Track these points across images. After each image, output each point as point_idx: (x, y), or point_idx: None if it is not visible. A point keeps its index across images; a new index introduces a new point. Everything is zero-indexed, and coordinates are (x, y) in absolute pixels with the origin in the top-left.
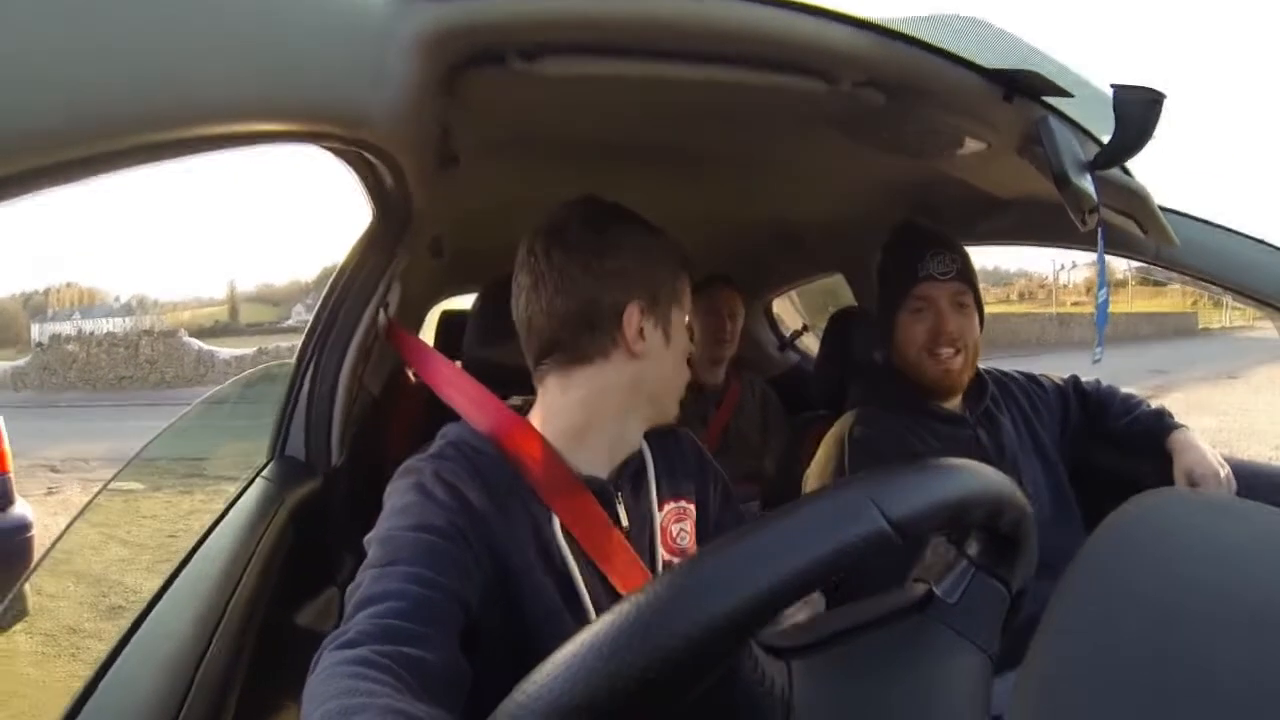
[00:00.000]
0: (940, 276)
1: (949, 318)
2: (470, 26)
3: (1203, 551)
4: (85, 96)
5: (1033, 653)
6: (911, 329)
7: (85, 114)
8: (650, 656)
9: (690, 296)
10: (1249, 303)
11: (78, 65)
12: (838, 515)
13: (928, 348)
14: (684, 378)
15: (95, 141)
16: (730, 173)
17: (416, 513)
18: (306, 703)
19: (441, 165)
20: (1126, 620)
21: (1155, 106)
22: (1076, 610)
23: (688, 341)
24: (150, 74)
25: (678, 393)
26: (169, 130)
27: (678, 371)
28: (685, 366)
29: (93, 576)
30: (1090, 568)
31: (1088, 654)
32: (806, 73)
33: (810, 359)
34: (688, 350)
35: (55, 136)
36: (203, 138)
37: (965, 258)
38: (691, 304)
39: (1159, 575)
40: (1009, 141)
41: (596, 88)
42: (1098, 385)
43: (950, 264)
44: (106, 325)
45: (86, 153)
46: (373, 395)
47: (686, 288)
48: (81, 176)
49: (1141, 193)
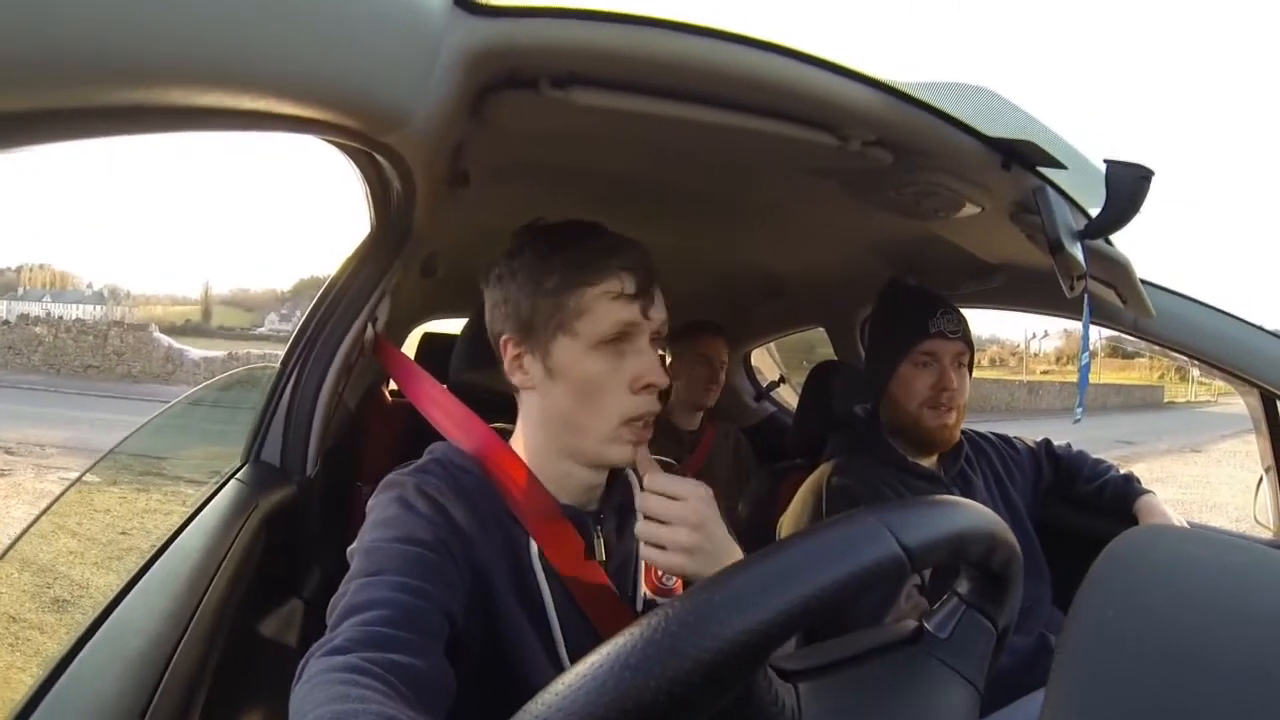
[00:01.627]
0: (950, 335)
1: (951, 375)
2: (515, 47)
3: (1205, 575)
4: (94, 34)
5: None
6: (915, 382)
7: (93, 55)
8: (674, 672)
9: (603, 324)
10: (1218, 373)
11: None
12: (856, 540)
13: (929, 402)
14: (602, 414)
15: (103, 89)
16: (726, 217)
17: (400, 525)
18: (295, 709)
19: (451, 183)
20: (1140, 636)
21: (1144, 182)
22: (1092, 629)
23: (597, 372)
24: (187, 26)
25: (597, 432)
26: (184, 90)
27: (583, 406)
28: (605, 400)
29: (38, 566)
30: (1098, 591)
31: (1108, 668)
32: (819, 127)
33: (786, 410)
34: (599, 382)
35: (66, 76)
36: (222, 110)
37: (965, 322)
38: (682, 350)
39: (1161, 594)
40: (1002, 207)
41: (613, 122)
42: (1068, 449)
43: (959, 324)
44: (76, 311)
45: (85, 102)
46: (349, 410)
47: (598, 318)
48: (78, 134)
49: (1124, 263)
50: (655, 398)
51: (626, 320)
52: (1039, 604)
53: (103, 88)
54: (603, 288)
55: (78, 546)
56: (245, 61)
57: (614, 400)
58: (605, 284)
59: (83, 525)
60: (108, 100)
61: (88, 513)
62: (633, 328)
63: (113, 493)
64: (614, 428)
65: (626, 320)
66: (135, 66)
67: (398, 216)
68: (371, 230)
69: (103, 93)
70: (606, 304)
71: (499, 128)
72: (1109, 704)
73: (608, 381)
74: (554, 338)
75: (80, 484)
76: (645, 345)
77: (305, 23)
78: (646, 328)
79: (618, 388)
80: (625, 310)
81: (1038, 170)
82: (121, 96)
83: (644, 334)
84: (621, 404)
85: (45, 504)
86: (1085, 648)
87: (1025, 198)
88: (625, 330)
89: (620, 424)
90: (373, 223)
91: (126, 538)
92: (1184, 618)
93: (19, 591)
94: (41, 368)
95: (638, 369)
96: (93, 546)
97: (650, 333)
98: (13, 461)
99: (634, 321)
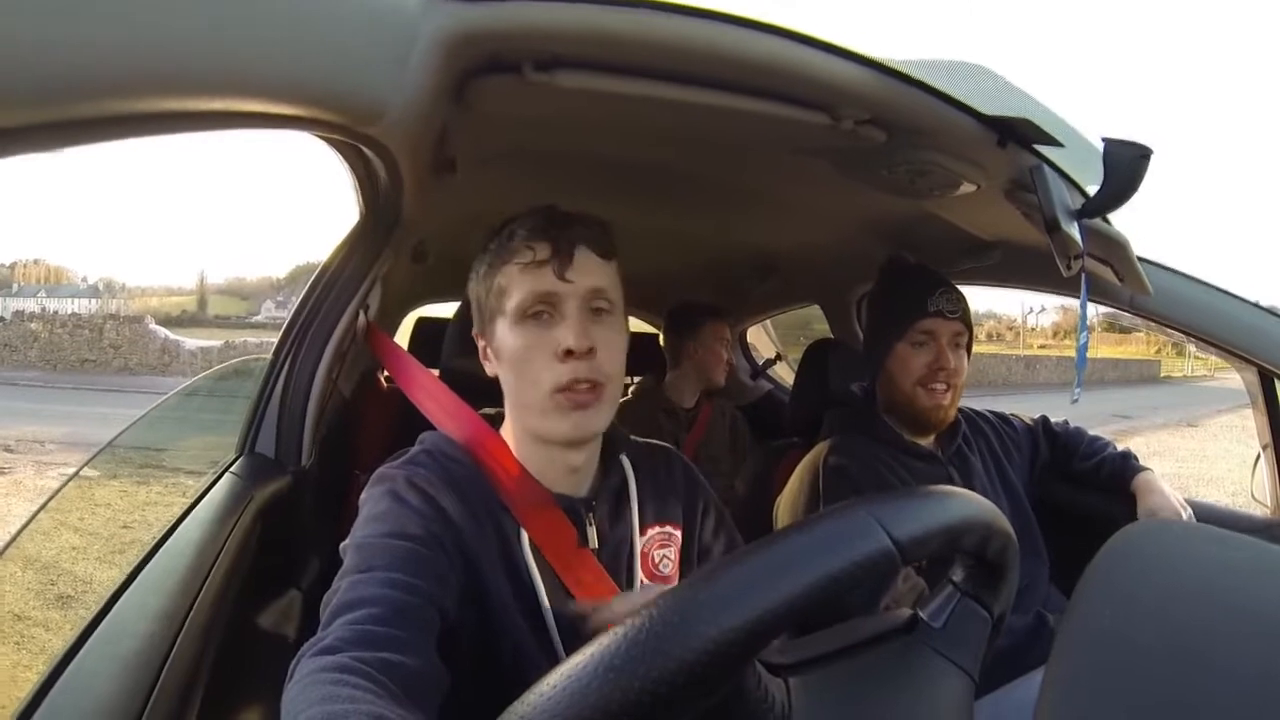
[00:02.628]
0: (949, 315)
1: (948, 354)
2: (494, 31)
3: (1207, 572)
4: (85, 55)
5: (1052, 666)
6: (911, 360)
7: (84, 72)
8: (661, 670)
9: (519, 296)
10: (1215, 351)
11: (84, 23)
12: (844, 534)
13: (924, 381)
14: (534, 387)
15: (87, 103)
16: (718, 199)
17: (391, 520)
18: (286, 709)
19: (437, 170)
20: (1140, 632)
21: (1143, 161)
22: (1091, 625)
23: (523, 345)
24: (159, 38)
25: (534, 406)
26: (170, 99)
27: (519, 382)
28: (534, 372)
29: (42, 563)
30: (1097, 588)
31: (1106, 664)
32: (811, 106)
33: (782, 387)
34: (526, 355)
35: (49, 93)
36: (207, 113)
37: (965, 301)
38: (693, 337)
39: (1162, 592)
40: (998, 185)
41: (600, 105)
42: (1065, 426)
43: (957, 304)
44: (71, 306)
45: (77, 114)
46: (344, 397)
47: (515, 291)
48: (66, 143)
49: (1121, 241)
50: (588, 363)
51: (540, 289)
52: (1037, 582)
53: (89, 101)
54: (516, 260)
55: (80, 542)
56: (221, 65)
57: (542, 371)
58: (518, 257)
59: (84, 521)
60: (94, 112)
61: (89, 508)
62: (550, 295)
63: (113, 487)
64: (546, 397)
65: (540, 289)
66: (120, 81)
67: (386, 205)
68: (360, 218)
69: (90, 105)
70: (519, 276)
71: (483, 113)
72: (1106, 703)
73: (533, 354)
74: (494, 321)
75: (80, 479)
76: (571, 311)
77: (279, 21)
78: (569, 291)
79: (544, 358)
80: (536, 276)
81: (1034, 148)
82: (108, 108)
83: (568, 299)
84: (550, 373)
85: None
86: (1082, 646)
87: (1022, 176)
88: (545, 299)
89: (551, 393)
90: (361, 211)
91: (129, 531)
92: (1185, 616)
93: (23, 589)
94: (38, 364)
95: (559, 335)
96: (95, 542)
97: (578, 298)
98: (12, 459)
99: (549, 289)
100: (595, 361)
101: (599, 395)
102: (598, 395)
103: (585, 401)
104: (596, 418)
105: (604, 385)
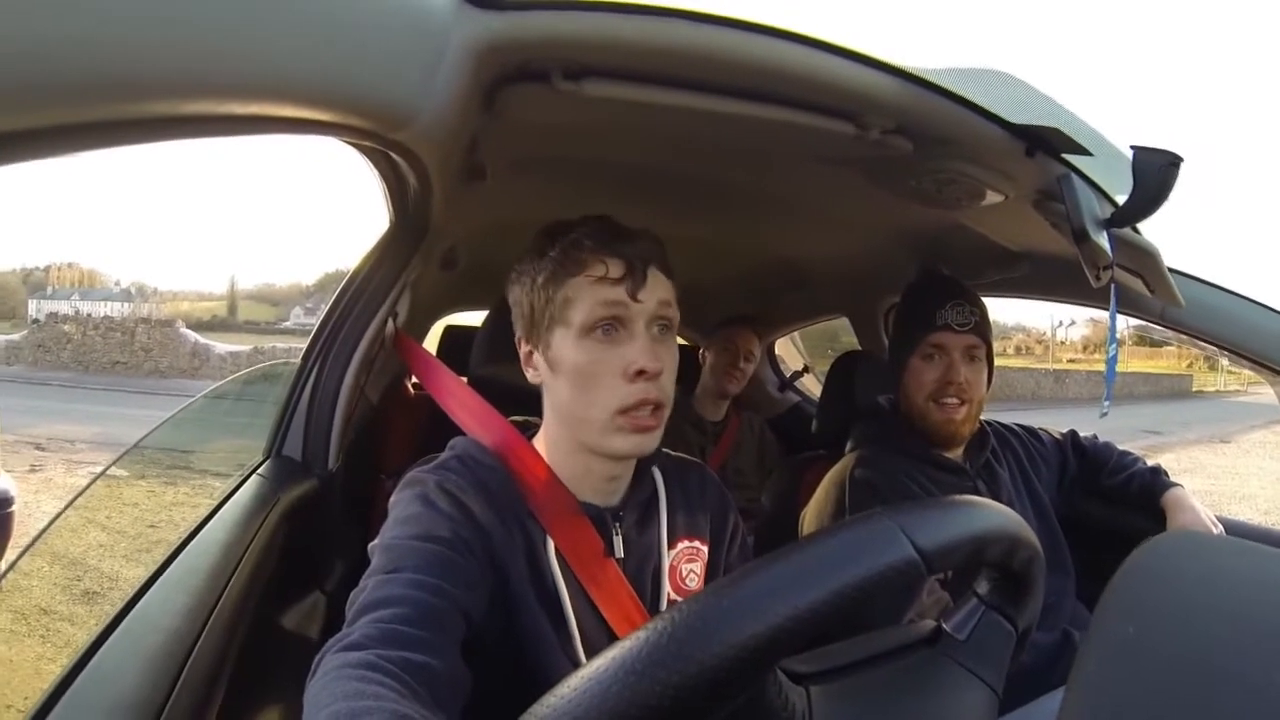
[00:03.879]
0: (957, 327)
1: (959, 368)
2: (523, 40)
3: (1235, 587)
4: (117, 57)
5: (1075, 677)
6: (921, 374)
7: (115, 73)
8: (682, 675)
9: (587, 310)
10: (1250, 365)
11: (116, 24)
12: (869, 543)
13: (935, 395)
14: (598, 404)
15: (123, 104)
16: (747, 208)
17: (421, 522)
18: (310, 703)
19: (467, 178)
20: (1164, 644)
21: (1173, 170)
22: (1114, 637)
23: (588, 360)
24: (191, 41)
25: (596, 422)
26: (202, 102)
27: (580, 397)
28: (599, 390)
29: (69, 559)
30: (1121, 601)
31: (1129, 676)
32: (838, 115)
33: (810, 400)
34: (591, 371)
35: (85, 94)
36: (239, 117)
37: (984, 311)
38: (708, 345)
39: (1186, 605)
40: (1026, 195)
41: (629, 114)
42: (1094, 441)
43: (969, 316)
44: (104, 309)
45: (106, 116)
46: (371, 404)
47: (583, 304)
48: (101, 144)
49: (1152, 252)
50: (655, 384)
51: (611, 303)
52: (1063, 599)
53: (121, 103)
54: (586, 274)
55: (107, 540)
56: (252, 70)
57: (608, 389)
58: (589, 270)
59: (112, 519)
60: (127, 114)
61: (117, 507)
62: (621, 311)
63: (141, 486)
64: (610, 417)
65: (611, 303)
66: (151, 83)
67: (415, 211)
68: (390, 225)
69: (122, 107)
70: (590, 289)
71: (513, 121)
72: (1128, 715)
73: (600, 370)
74: (552, 330)
75: (109, 478)
76: (640, 330)
77: (310, 26)
78: (639, 311)
79: (611, 376)
80: (609, 293)
81: (1063, 157)
82: (140, 110)
83: (637, 319)
84: (616, 393)
85: (72, 499)
86: (1105, 658)
87: (1050, 186)
88: (613, 315)
89: (615, 413)
90: (391, 218)
91: (155, 530)
92: (1209, 628)
93: (50, 584)
94: (71, 365)
95: (629, 355)
96: (122, 540)
97: (646, 317)
98: (44, 457)
99: (620, 304)
100: (660, 382)
101: (659, 419)
102: (658, 420)
103: (647, 426)
104: (655, 440)
105: (664, 407)
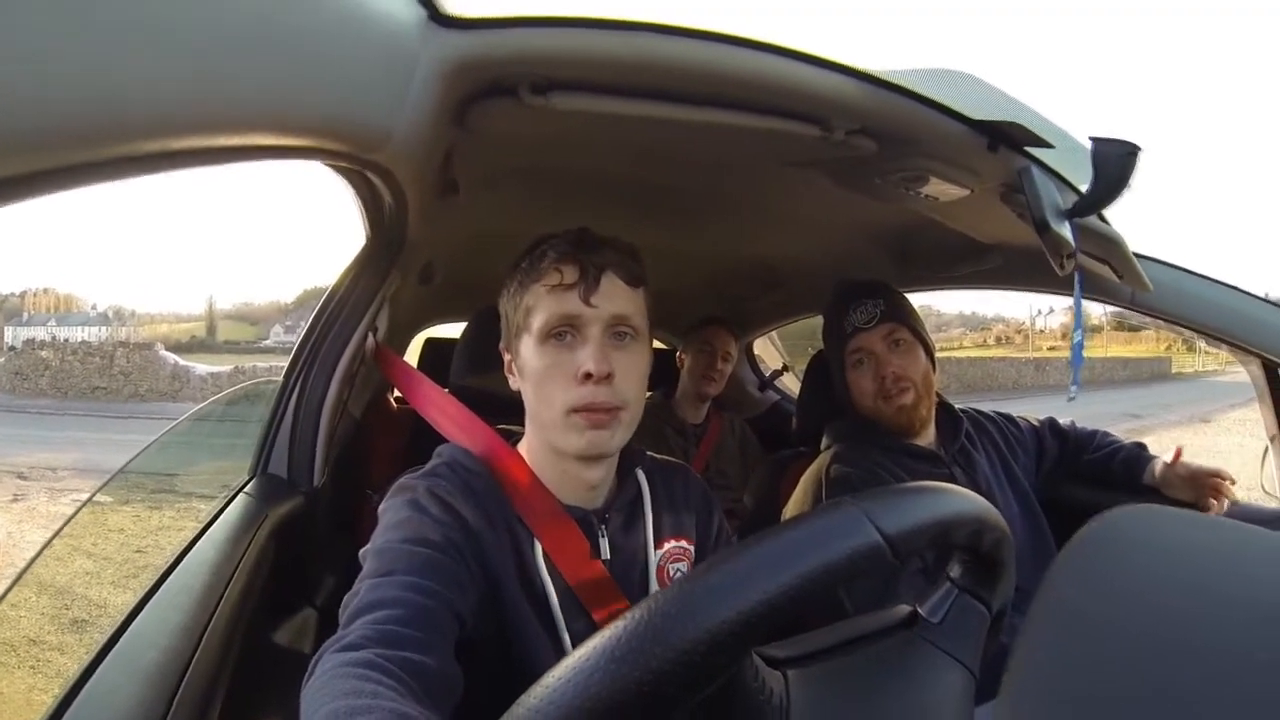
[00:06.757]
0: (865, 326)
1: (888, 361)
2: (491, 57)
3: (1185, 556)
4: (95, 97)
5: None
6: (859, 383)
7: (95, 116)
8: (661, 660)
9: (544, 317)
10: (1220, 345)
11: (92, 62)
12: (835, 528)
13: (878, 395)
14: (553, 405)
15: (101, 145)
16: (719, 213)
17: (412, 527)
18: (308, 702)
19: (441, 193)
20: (1113, 613)
21: (1131, 159)
22: (1063, 605)
23: (545, 365)
24: (166, 79)
25: (551, 422)
26: (180, 138)
27: (539, 399)
28: (553, 392)
29: (56, 588)
30: (1071, 571)
31: (1075, 643)
32: (802, 119)
33: (790, 398)
34: (547, 374)
35: (58, 138)
36: (215, 149)
37: (891, 298)
38: (685, 348)
39: (1139, 577)
40: (992, 189)
41: (598, 126)
42: (1073, 425)
43: (873, 309)
44: (82, 334)
45: (89, 157)
46: (355, 418)
47: (541, 311)
48: (84, 182)
49: (1117, 239)
50: (606, 388)
51: (564, 311)
52: None
53: (97, 146)
54: (543, 281)
55: (94, 567)
56: (227, 103)
57: (561, 390)
58: (546, 278)
59: (98, 546)
60: (103, 155)
61: (102, 533)
62: (574, 318)
63: (126, 512)
64: (564, 415)
65: (564, 311)
66: (126, 125)
67: (392, 227)
68: (367, 242)
69: (97, 150)
70: (546, 297)
71: (484, 136)
72: (1073, 681)
73: (555, 373)
74: (520, 337)
75: (93, 505)
76: (593, 335)
77: (282, 57)
78: (593, 316)
79: (564, 379)
80: (562, 299)
81: (1025, 151)
82: (115, 151)
83: (591, 324)
84: (567, 394)
85: (60, 527)
86: (1052, 625)
87: (1014, 179)
88: (567, 321)
89: (566, 412)
90: (368, 234)
91: (142, 555)
92: (1159, 597)
93: (38, 614)
94: (49, 391)
95: (579, 359)
96: (109, 566)
97: (601, 323)
98: (26, 486)
99: (573, 312)
100: (613, 386)
101: (615, 417)
102: (614, 416)
103: (601, 421)
104: (611, 438)
105: (621, 409)
